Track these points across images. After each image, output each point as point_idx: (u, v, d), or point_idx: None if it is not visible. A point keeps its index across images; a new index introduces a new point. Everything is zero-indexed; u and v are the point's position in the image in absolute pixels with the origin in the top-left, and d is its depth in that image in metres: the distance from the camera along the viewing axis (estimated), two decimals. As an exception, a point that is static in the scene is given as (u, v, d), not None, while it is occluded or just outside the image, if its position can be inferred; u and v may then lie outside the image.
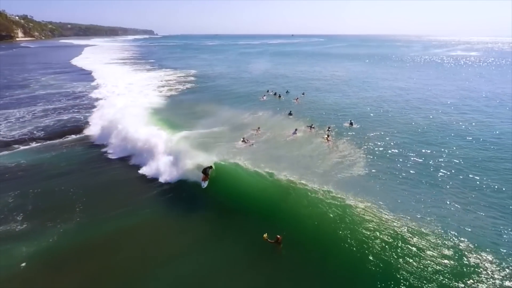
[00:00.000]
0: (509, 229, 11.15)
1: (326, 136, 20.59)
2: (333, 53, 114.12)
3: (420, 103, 31.46)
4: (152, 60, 77.92)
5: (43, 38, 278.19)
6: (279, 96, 34.88)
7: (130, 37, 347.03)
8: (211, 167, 15.41)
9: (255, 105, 30.31)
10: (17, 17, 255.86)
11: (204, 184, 14.53)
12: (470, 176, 15.32)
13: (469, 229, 11.03)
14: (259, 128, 22.26)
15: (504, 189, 14.03)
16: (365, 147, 18.90)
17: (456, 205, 12.71)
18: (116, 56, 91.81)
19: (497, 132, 22.21)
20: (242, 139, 19.66)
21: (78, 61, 74.58)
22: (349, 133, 21.87)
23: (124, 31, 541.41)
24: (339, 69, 62.06)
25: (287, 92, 37.00)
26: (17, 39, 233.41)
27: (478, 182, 14.65)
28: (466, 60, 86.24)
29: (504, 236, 10.85)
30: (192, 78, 47.94)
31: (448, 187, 14.27)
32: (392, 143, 19.62)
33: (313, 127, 22.67)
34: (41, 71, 57.17)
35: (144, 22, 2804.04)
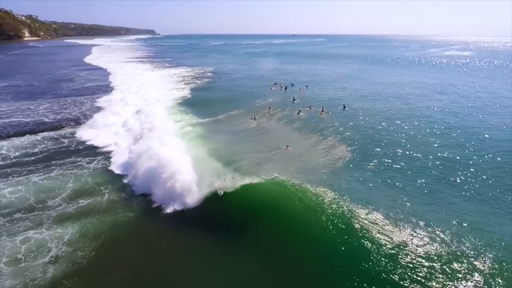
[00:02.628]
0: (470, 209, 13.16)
1: (320, 111, 27.77)
2: (334, 53, 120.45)
3: (405, 94, 37.59)
4: (169, 59, 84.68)
5: (49, 37, 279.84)
6: (285, 88, 41.08)
7: (132, 37, 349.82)
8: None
9: (265, 94, 36.97)
10: (23, 17, 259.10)
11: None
12: (442, 155, 18.46)
13: (453, 220, 12.22)
14: (270, 107, 29.18)
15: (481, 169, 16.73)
16: (353, 124, 24.97)
17: (436, 190, 14.41)
18: (131, 55, 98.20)
19: (472, 116, 28.06)
20: (253, 117, 25.91)
21: (97, 60, 79.88)
22: (341, 114, 28.36)
23: (126, 31, 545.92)
24: (339, 66, 68.80)
25: (292, 85, 43.08)
26: (24, 38, 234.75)
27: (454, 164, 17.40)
28: (457, 59, 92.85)
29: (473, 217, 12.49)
30: (210, 74, 54.68)
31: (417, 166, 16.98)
32: (376, 122, 25.53)
33: (312, 107, 29.59)
34: (73, 68, 63.75)
35: (145, 21, 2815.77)
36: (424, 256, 10.24)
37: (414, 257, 10.17)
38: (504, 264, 10.03)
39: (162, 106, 30.26)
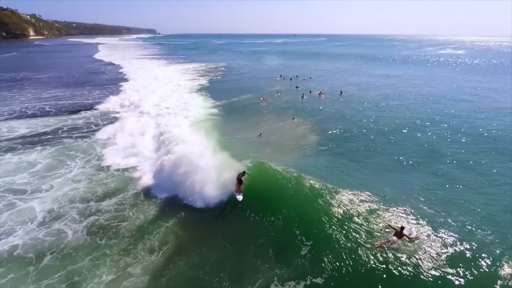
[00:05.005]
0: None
1: (318, 94, 34.87)
2: (335, 51, 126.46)
3: (395, 84, 43.42)
4: (181, 56, 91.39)
5: (52, 36, 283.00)
6: (290, 79, 47.08)
7: (134, 36, 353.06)
8: (244, 172, 13.92)
9: (272, 84, 43.49)
10: (28, 16, 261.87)
11: (240, 197, 13.26)
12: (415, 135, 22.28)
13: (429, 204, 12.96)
14: (278, 92, 35.91)
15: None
16: (346, 104, 31.00)
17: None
18: (141, 52, 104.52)
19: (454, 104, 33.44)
20: (262, 98, 32.70)
21: (109, 57, 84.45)
22: (338, 97, 34.55)
23: (128, 30, 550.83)
24: (339, 62, 75.40)
25: (296, 76, 49.26)
26: (30, 37, 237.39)
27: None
28: (450, 56, 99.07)
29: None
30: (223, 68, 61.39)
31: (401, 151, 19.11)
32: (366, 103, 31.34)
33: (312, 92, 36.30)
34: (97, 63, 70.17)
35: (146, 21, 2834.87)
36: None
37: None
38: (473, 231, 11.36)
39: (188, 90, 37.50)
